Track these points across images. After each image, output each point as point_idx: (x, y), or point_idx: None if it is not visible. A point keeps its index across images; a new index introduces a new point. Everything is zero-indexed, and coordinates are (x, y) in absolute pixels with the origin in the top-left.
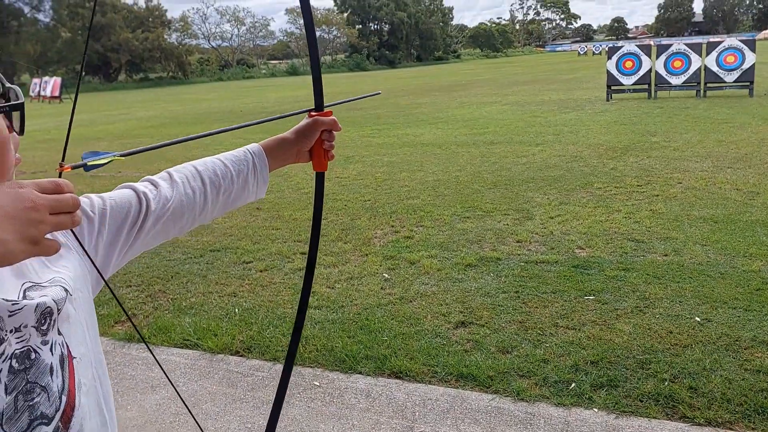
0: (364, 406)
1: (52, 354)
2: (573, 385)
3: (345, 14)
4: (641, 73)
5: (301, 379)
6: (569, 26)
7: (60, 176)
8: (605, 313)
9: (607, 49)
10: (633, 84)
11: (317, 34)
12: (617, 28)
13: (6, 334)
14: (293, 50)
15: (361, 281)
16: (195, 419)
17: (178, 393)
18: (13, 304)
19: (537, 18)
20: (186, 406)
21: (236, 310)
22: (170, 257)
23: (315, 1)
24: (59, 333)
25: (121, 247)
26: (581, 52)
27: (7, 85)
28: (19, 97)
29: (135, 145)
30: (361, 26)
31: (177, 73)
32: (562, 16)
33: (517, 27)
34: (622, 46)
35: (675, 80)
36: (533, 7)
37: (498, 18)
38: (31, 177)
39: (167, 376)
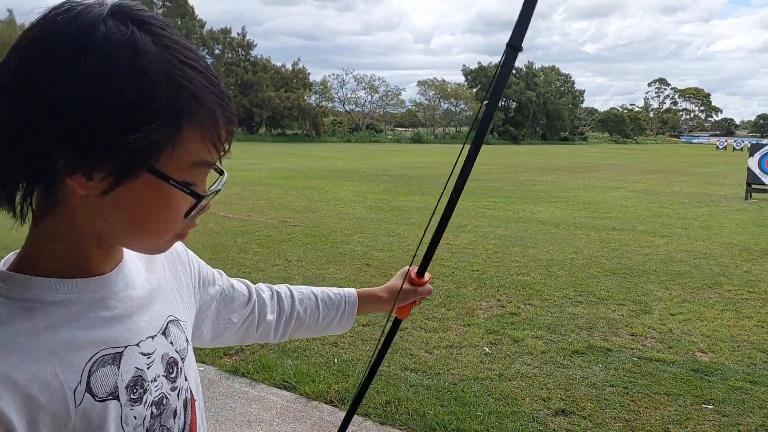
0: None
1: (178, 398)
2: None
3: (474, 89)
4: None
5: None
6: (709, 118)
7: None
8: (725, 426)
9: (749, 145)
10: None
11: (445, 106)
12: (762, 125)
13: (148, 384)
14: (419, 119)
15: (461, 351)
16: None
17: None
18: (147, 358)
19: (674, 107)
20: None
21: (335, 360)
22: None
23: (446, 75)
24: (186, 379)
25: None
26: (720, 147)
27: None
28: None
29: (264, 192)
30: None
31: (311, 132)
32: (702, 108)
33: (651, 115)
34: (766, 144)
35: None
36: (670, 96)
37: (631, 104)
38: None
39: None
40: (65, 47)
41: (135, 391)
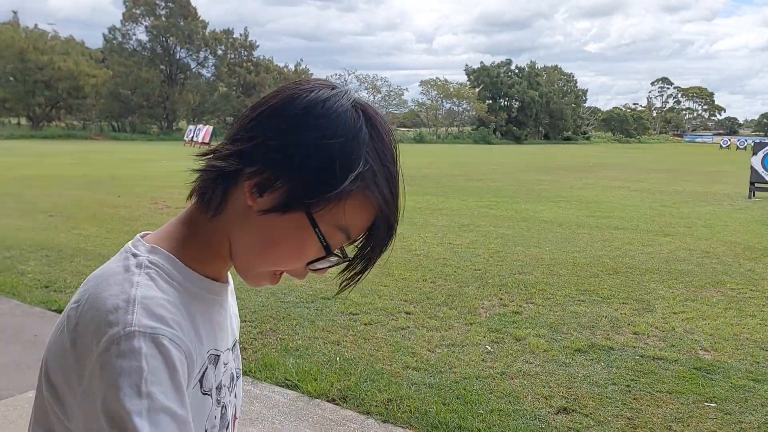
0: None
1: (227, 410)
2: None
3: (477, 89)
4: None
5: None
6: (712, 117)
7: None
8: (727, 423)
9: (752, 144)
10: None
11: (447, 105)
12: (766, 124)
13: (224, 390)
14: (422, 120)
15: (463, 350)
16: None
17: None
18: (224, 366)
19: (677, 107)
20: None
21: (338, 358)
22: (285, 299)
23: (449, 75)
24: (235, 396)
25: None
26: (724, 145)
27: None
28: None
29: None
30: (491, 101)
31: None
32: (705, 107)
33: (654, 114)
34: None
35: None
36: (674, 95)
37: (634, 104)
38: (172, 212)
39: None
40: (316, 111)
41: (219, 393)
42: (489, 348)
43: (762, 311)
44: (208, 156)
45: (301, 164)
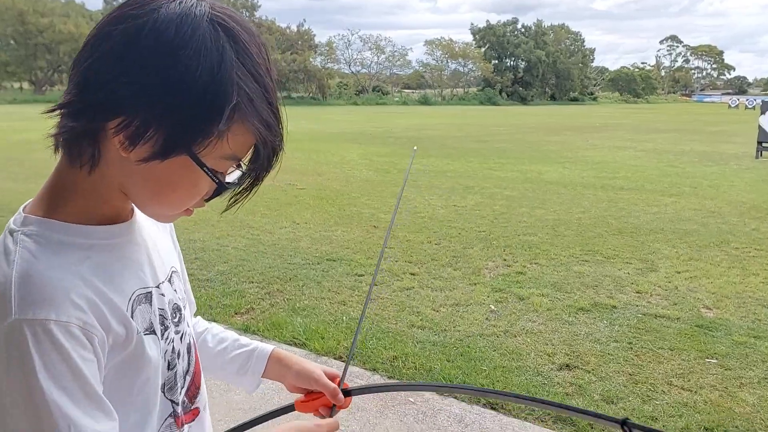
0: (455, 430)
1: (181, 341)
2: None
3: (482, 49)
4: None
5: (397, 393)
6: (721, 77)
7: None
8: (728, 379)
9: (761, 103)
10: None
11: (452, 66)
12: None
13: (169, 322)
14: (427, 81)
15: (467, 309)
16: None
17: None
18: (165, 299)
19: (686, 66)
20: None
21: (344, 317)
22: (291, 261)
23: (454, 35)
24: (188, 325)
25: None
26: (732, 105)
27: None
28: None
29: None
30: (497, 61)
31: (317, 95)
32: (714, 66)
33: (663, 73)
34: None
35: None
36: (683, 54)
37: (642, 63)
38: None
39: None
40: (169, 39)
41: (161, 327)
42: (493, 307)
43: (765, 270)
44: (56, 111)
45: (169, 108)
